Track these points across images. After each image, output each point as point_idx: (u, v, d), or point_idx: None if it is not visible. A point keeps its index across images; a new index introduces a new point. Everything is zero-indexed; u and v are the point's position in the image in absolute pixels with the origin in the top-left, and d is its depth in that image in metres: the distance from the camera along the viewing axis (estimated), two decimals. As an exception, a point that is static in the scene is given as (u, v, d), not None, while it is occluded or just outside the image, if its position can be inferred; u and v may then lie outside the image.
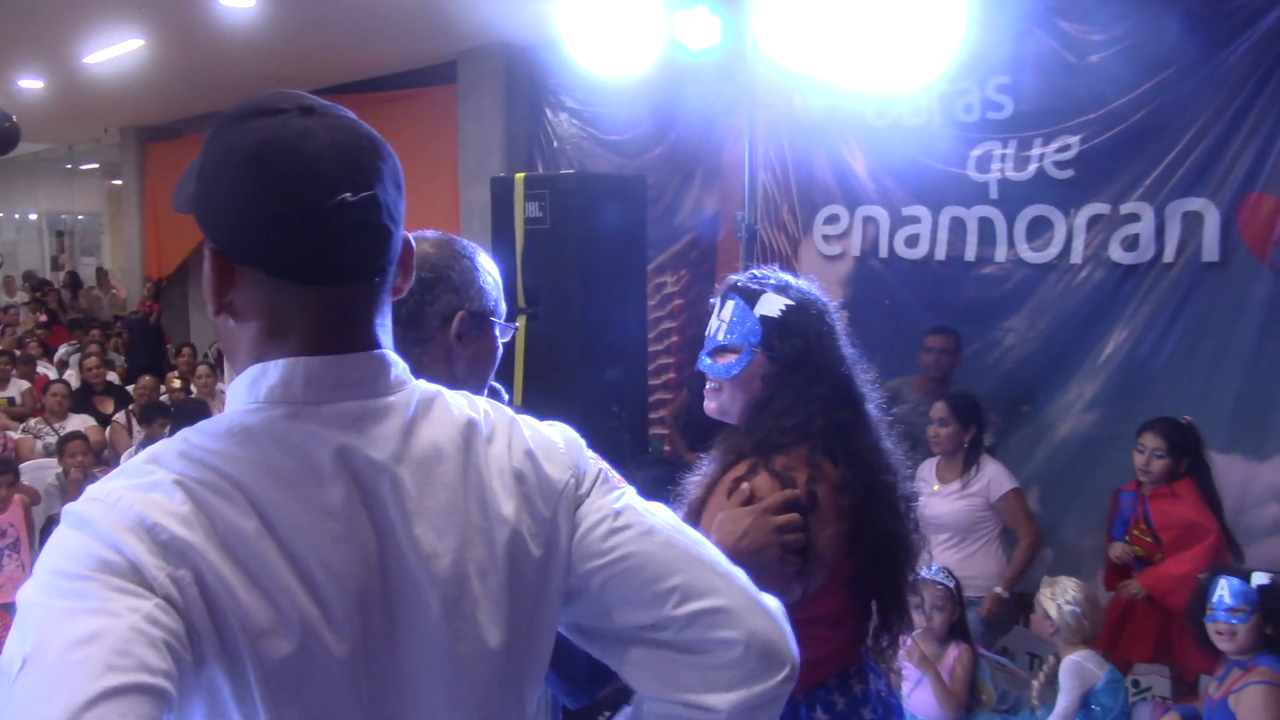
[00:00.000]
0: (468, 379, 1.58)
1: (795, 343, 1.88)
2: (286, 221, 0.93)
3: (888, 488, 1.89)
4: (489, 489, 1.02)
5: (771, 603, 1.09)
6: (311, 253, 0.95)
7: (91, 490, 0.91)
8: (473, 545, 1.00)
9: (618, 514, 1.08)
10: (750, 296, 1.93)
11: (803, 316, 1.90)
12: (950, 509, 4.21)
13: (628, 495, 1.12)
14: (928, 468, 4.39)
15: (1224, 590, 3.00)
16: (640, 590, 1.05)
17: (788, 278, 1.98)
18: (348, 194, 0.94)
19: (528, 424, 1.11)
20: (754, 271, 2.01)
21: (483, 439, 1.04)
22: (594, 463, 1.13)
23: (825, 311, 1.95)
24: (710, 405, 1.98)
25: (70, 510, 0.89)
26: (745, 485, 1.78)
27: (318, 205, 0.93)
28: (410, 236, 1.06)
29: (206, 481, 0.90)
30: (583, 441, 1.15)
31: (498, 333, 1.60)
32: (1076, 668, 3.47)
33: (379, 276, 1.01)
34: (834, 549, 1.79)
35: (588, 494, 1.09)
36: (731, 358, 1.92)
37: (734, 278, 2.01)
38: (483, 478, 1.02)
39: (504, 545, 1.01)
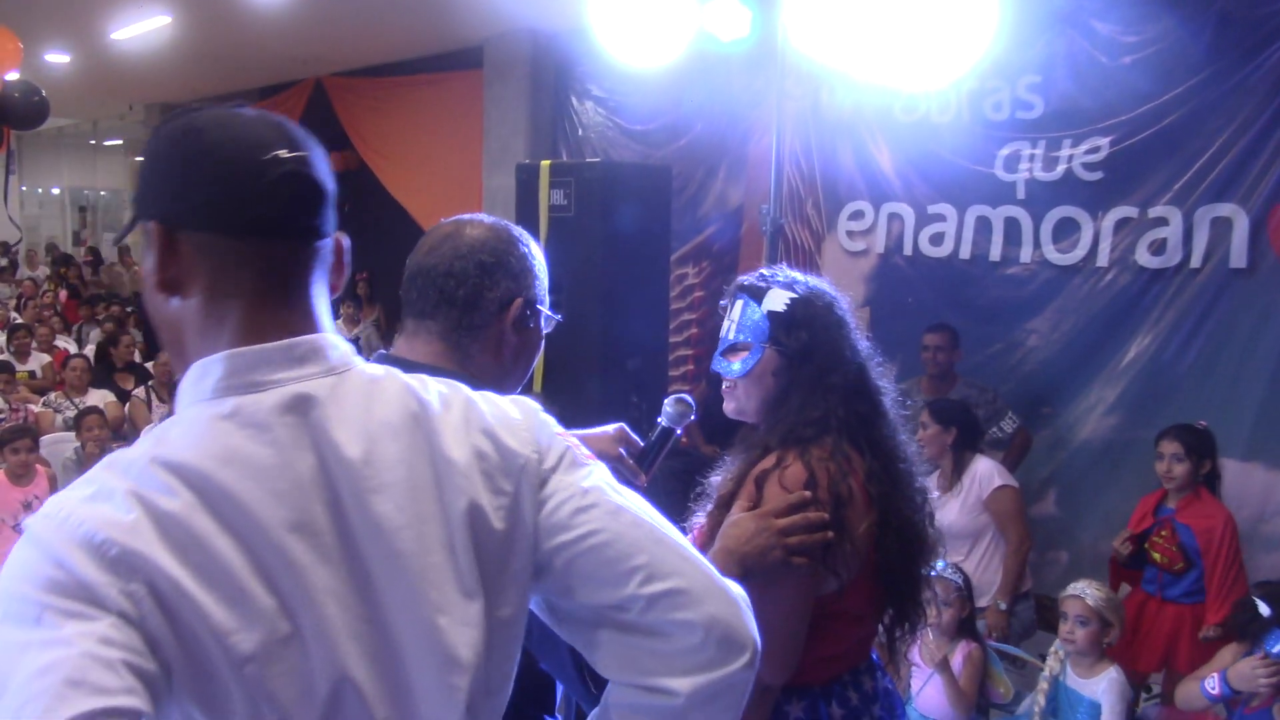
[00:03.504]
0: (514, 368, 1.58)
1: (802, 335, 1.89)
2: (224, 175, 0.98)
3: (908, 477, 1.91)
4: (445, 465, 1.03)
5: (735, 589, 1.09)
6: (249, 203, 0.98)
7: (48, 504, 0.91)
8: (434, 520, 1.01)
9: (585, 491, 1.08)
10: (757, 294, 1.96)
11: (809, 309, 1.91)
12: (953, 518, 4.10)
13: (596, 473, 1.12)
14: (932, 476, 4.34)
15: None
16: (605, 568, 1.06)
17: (795, 274, 1.99)
18: (282, 150, 0.99)
19: (486, 400, 1.11)
20: (761, 271, 2.03)
21: (436, 416, 1.04)
22: (560, 439, 1.12)
23: (833, 304, 1.95)
24: (728, 406, 2.00)
25: (27, 525, 0.90)
26: (775, 476, 1.80)
27: (254, 158, 0.98)
28: (345, 239, 1.09)
29: (158, 485, 0.90)
30: (547, 416, 1.14)
31: (543, 322, 1.59)
32: (1120, 688, 3.35)
33: (316, 240, 1.04)
34: (867, 540, 1.81)
35: (553, 470, 1.09)
36: (743, 355, 1.94)
37: (741, 278, 2.04)
38: (438, 454, 1.03)
39: (464, 520, 1.02)
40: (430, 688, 1.00)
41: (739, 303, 1.98)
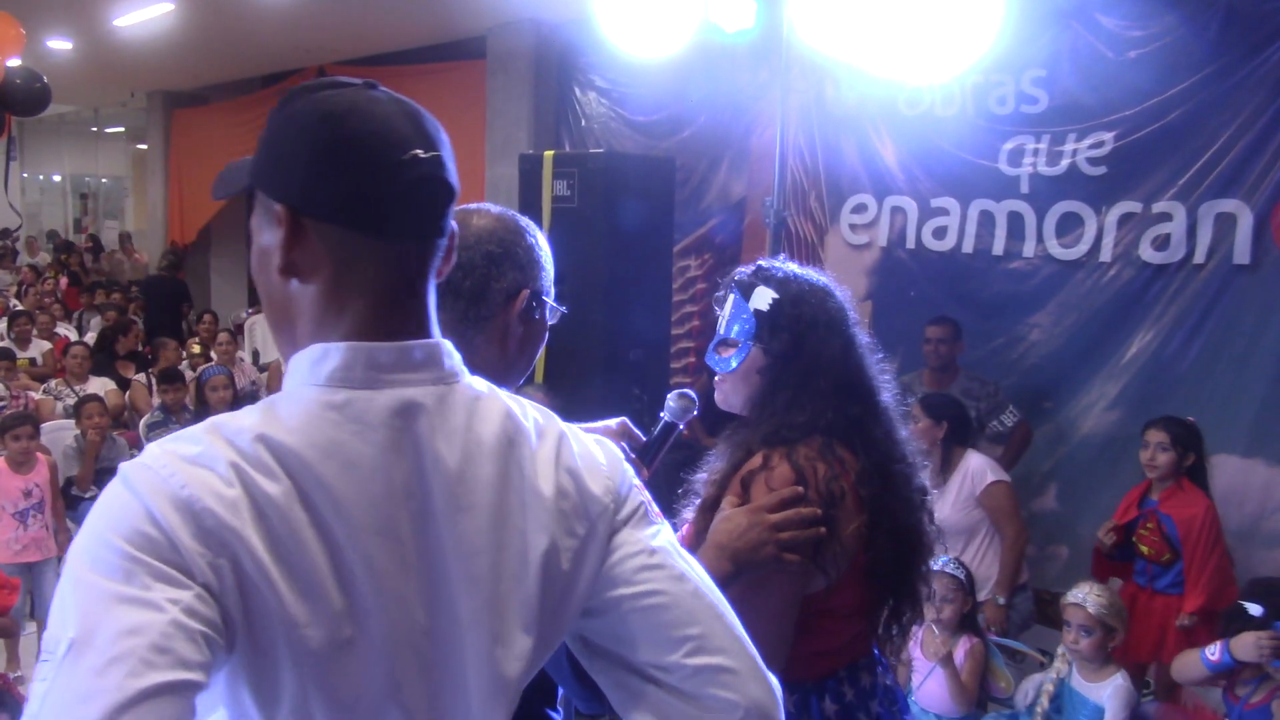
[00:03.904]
0: (518, 360, 1.54)
1: (785, 336, 1.84)
2: (362, 172, 0.96)
3: (903, 478, 1.87)
4: (534, 498, 1.03)
5: (773, 679, 1.10)
6: (384, 203, 0.97)
7: (148, 453, 0.91)
8: (512, 550, 1.01)
9: (653, 551, 1.09)
10: (746, 290, 1.91)
11: (796, 308, 1.86)
12: (945, 513, 4.06)
13: (664, 534, 1.13)
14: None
15: None
16: (659, 630, 1.06)
17: (790, 268, 1.93)
18: (419, 150, 0.98)
19: (576, 438, 1.11)
20: (759, 263, 1.97)
21: (529, 446, 1.05)
22: (637, 491, 1.13)
23: (825, 303, 1.89)
24: (718, 397, 1.97)
25: (125, 470, 0.90)
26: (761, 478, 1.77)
27: (392, 158, 0.96)
28: (455, 226, 1.08)
29: (260, 464, 0.90)
30: (628, 466, 1.15)
31: (548, 313, 1.56)
32: (1126, 694, 3.34)
33: (439, 238, 1.03)
34: (856, 540, 1.78)
35: (625, 522, 1.10)
36: (730, 352, 1.91)
37: (738, 270, 1.99)
38: (528, 485, 1.03)
39: (539, 554, 1.02)
40: (473, 712, 1.01)
41: (731, 297, 1.94)
